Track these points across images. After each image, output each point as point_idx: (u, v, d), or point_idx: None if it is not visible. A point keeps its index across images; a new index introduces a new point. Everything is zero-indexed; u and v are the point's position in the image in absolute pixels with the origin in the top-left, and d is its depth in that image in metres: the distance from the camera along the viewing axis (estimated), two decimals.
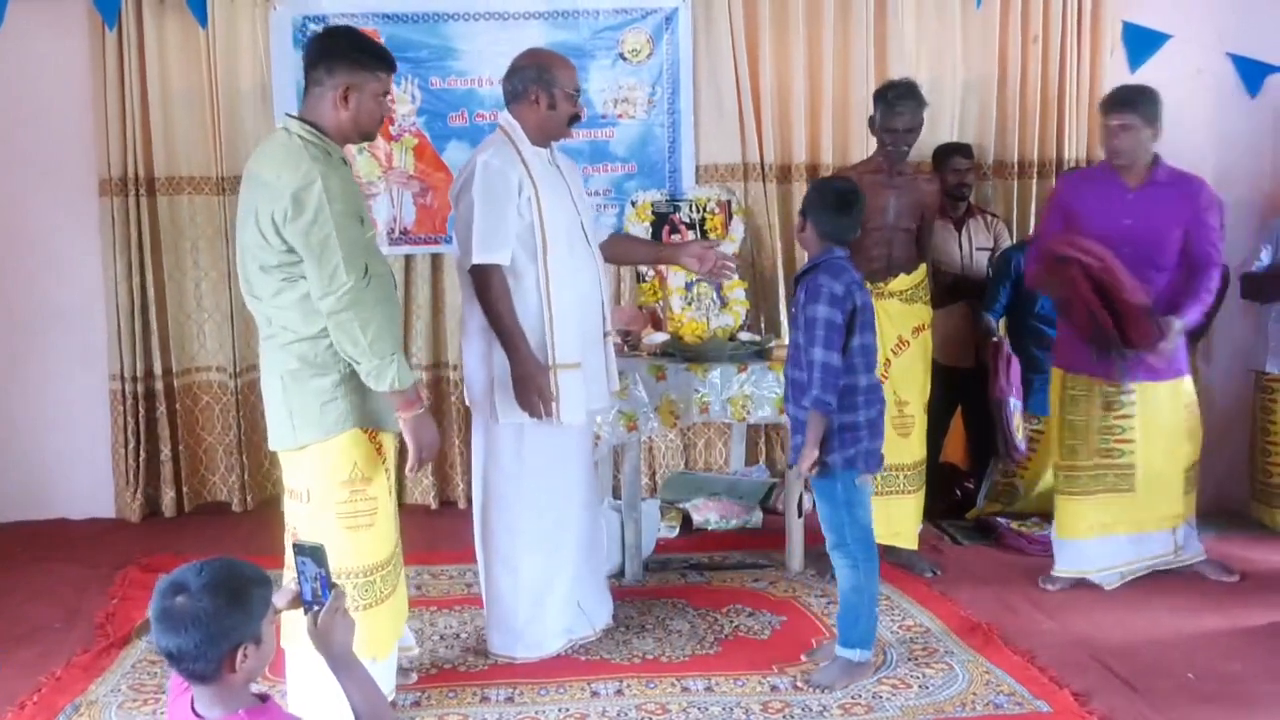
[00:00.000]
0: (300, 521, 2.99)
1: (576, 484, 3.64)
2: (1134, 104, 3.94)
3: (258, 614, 1.92)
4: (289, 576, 2.98)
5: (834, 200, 3.39)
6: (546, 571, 3.58)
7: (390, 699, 3.18)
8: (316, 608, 2.07)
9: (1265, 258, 4.88)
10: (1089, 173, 4.52)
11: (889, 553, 4.40)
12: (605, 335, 3.63)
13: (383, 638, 3.06)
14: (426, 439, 2.95)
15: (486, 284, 3.37)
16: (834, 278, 3.30)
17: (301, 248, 2.79)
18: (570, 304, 3.45)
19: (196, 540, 4.81)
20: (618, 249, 3.84)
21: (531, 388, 3.37)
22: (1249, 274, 4.90)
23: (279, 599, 2.05)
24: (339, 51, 2.95)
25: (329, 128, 2.93)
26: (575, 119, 3.58)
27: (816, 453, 3.29)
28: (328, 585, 2.07)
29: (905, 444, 4.18)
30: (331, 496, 2.94)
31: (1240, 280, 4.92)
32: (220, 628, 1.87)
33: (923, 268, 4.25)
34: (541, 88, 3.48)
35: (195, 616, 1.86)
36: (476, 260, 3.37)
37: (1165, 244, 3.97)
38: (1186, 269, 3.98)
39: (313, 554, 2.07)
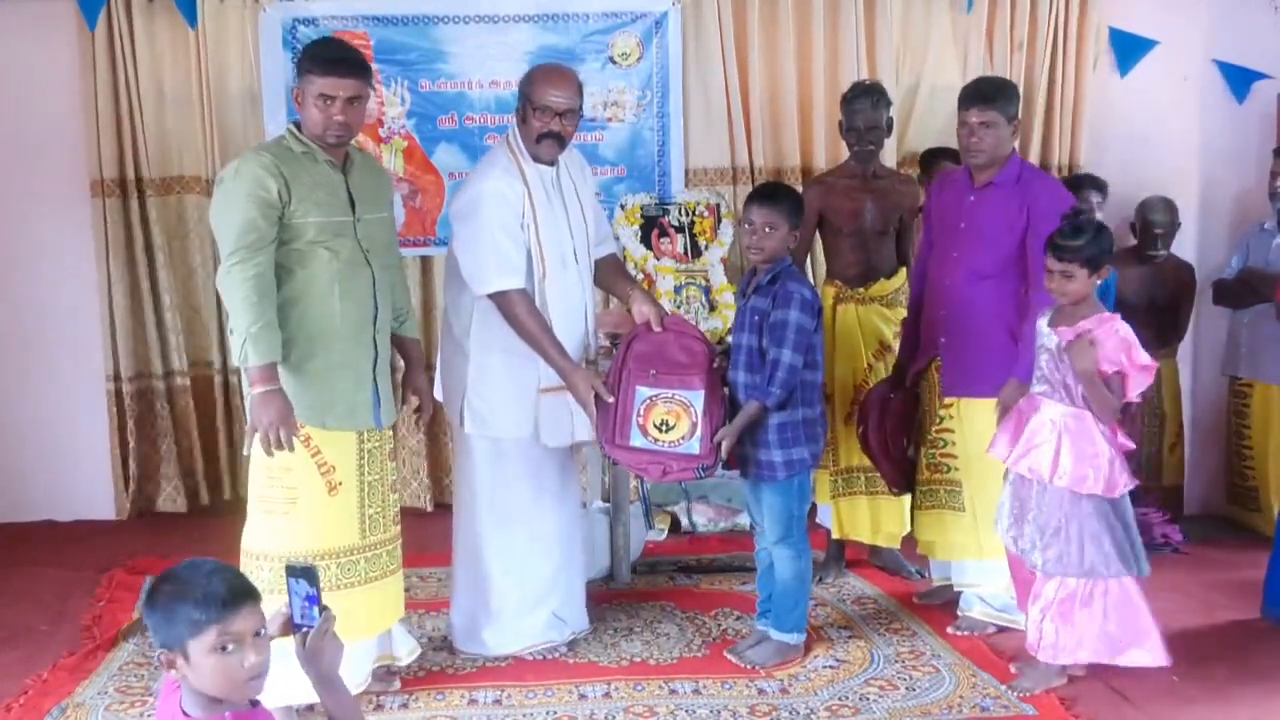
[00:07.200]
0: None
1: (554, 495, 3.64)
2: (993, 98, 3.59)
3: (236, 611, 1.89)
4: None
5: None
6: (520, 580, 3.59)
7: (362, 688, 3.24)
8: (306, 629, 2.07)
9: (1235, 264, 4.93)
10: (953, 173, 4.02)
11: (873, 554, 4.44)
12: (588, 362, 3.58)
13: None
14: (263, 420, 2.96)
15: (510, 307, 3.38)
16: (801, 284, 3.45)
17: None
18: (557, 328, 3.44)
19: (185, 541, 4.79)
20: (605, 276, 3.76)
21: (582, 394, 3.39)
22: (1219, 280, 4.95)
23: (271, 625, 2.04)
24: (300, 57, 3.18)
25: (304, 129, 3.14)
26: (545, 137, 3.42)
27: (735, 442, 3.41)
28: (318, 605, 2.06)
29: None
30: (254, 479, 3.12)
31: (1211, 287, 4.97)
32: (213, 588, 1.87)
33: (903, 271, 4.25)
34: (521, 99, 3.47)
35: (217, 565, 1.92)
36: (495, 288, 3.38)
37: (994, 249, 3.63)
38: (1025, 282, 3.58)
39: (305, 574, 2.07)
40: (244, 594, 1.90)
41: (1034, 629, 3.33)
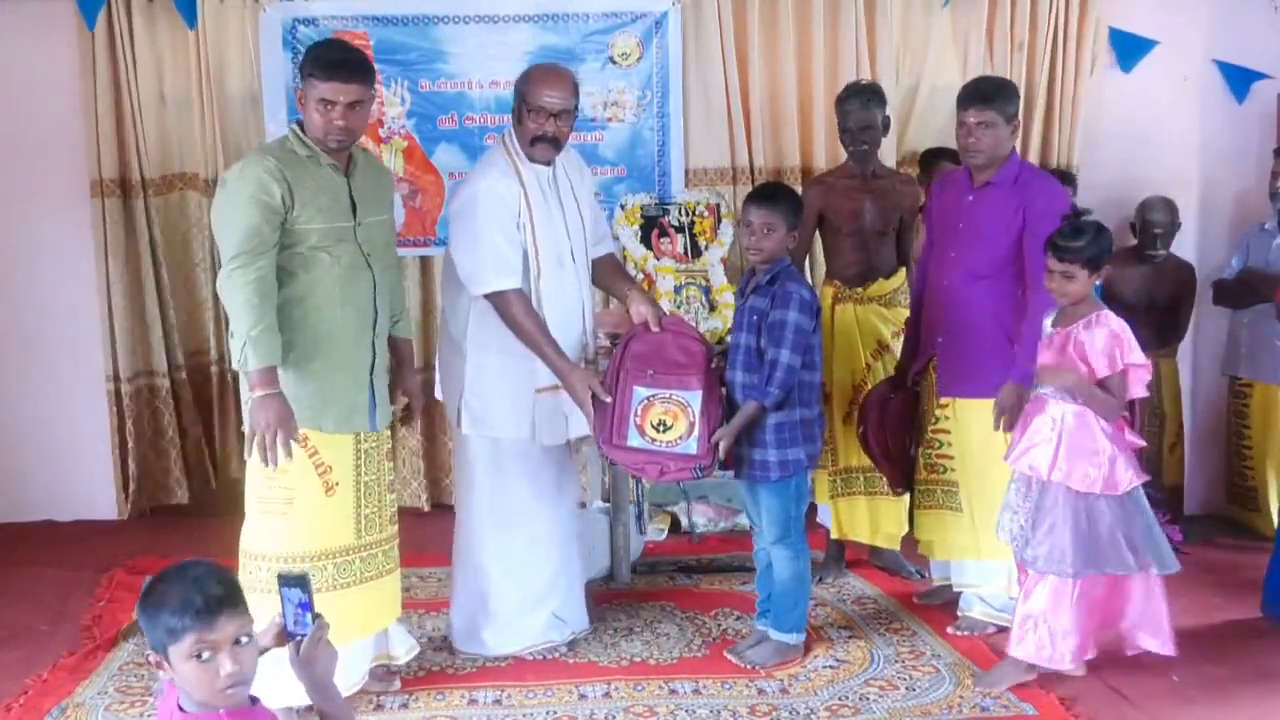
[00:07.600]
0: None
1: (554, 496, 3.64)
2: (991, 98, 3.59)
3: (225, 618, 1.88)
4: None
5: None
6: (520, 580, 3.59)
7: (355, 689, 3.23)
8: (300, 636, 2.06)
9: (1235, 264, 4.94)
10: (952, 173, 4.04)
11: (873, 554, 4.44)
12: (586, 362, 3.58)
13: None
14: (260, 423, 2.96)
15: (507, 307, 3.39)
16: (799, 284, 3.45)
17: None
18: (553, 328, 3.44)
19: (186, 541, 4.79)
20: (604, 276, 3.76)
21: (579, 394, 3.39)
22: (1219, 280, 4.96)
23: (263, 637, 2.03)
24: (303, 60, 3.13)
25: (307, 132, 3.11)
26: (539, 140, 3.41)
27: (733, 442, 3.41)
28: (311, 612, 2.06)
29: None
30: (252, 480, 3.12)
31: (1211, 287, 4.98)
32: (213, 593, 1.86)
33: (902, 271, 4.25)
34: (517, 99, 3.47)
35: (207, 570, 1.91)
36: (493, 288, 3.38)
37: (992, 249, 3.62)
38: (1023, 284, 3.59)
39: (298, 582, 2.07)
40: (223, 602, 1.86)
41: (1019, 628, 3.32)
